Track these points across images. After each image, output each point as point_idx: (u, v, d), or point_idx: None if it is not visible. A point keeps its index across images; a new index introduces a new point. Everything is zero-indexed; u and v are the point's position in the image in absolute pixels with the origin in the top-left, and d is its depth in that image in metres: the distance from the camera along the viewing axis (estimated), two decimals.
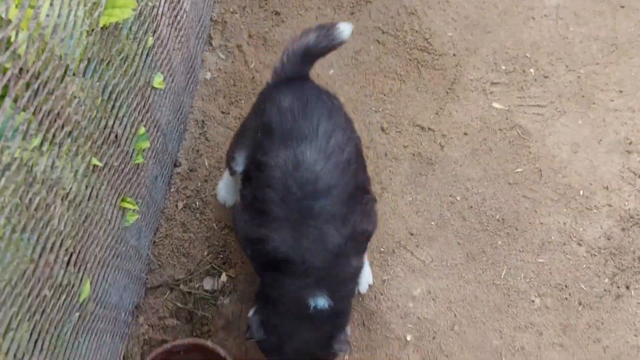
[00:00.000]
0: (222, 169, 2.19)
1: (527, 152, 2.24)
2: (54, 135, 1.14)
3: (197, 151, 2.21)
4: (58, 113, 1.14)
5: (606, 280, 2.07)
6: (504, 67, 2.35)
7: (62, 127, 1.17)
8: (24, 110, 1.00)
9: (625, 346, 1.99)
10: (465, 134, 2.26)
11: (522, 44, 2.38)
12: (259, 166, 1.55)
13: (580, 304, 2.04)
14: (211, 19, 2.36)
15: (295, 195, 1.48)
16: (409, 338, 1.99)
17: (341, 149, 1.52)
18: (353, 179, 1.57)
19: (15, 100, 0.97)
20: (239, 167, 1.73)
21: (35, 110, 1.04)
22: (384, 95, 2.31)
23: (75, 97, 1.19)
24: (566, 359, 1.97)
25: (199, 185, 2.16)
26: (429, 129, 2.26)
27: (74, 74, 1.16)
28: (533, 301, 2.05)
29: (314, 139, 1.48)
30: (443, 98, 2.31)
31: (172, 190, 2.14)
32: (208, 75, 2.31)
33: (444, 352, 1.97)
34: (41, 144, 1.10)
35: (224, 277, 2.05)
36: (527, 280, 2.07)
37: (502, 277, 2.07)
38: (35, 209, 1.13)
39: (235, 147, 1.79)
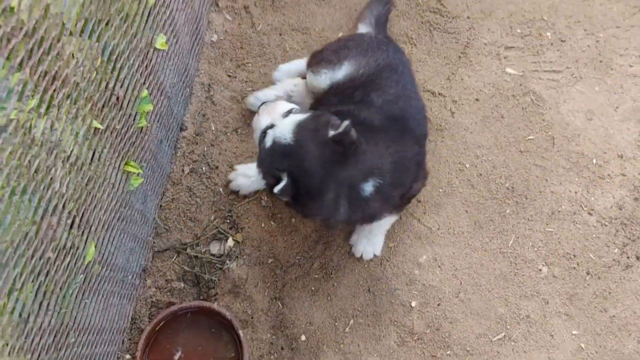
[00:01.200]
0: (230, 129, 2.17)
1: (540, 119, 2.18)
2: (52, 97, 1.12)
3: (204, 115, 2.19)
4: (55, 74, 1.12)
5: (616, 250, 2.04)
6: (519, 31, 2.27)
7: (61, 88, 1.15)
8: (18, 70, 0.98)
9: (633, 316, 1.97)
10: (477, 100, 2.20)
11: (539, 6, 2.29)
12: (379, 82, 1.89)
13: (588, 273, 2.02)
14: None
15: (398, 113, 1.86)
16: (413, 304, 1.99)
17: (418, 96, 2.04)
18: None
19: (8, 59, 0.95)
20: (338, 71, 1.92)
21: (30, 70, 1.02)
22: None
23: (73, 57, 1.16)
24: (571, 327, 1.97)
25: (205, 149, 2.14)
26: (440, 94, 2.21)
27: (70, 34, 1.13)
28: (540, 270, 2.03)
29: (412, 86, 1.97)
30: (455, 63, 2.25)
31: (178, 154, 2.13)
32: (214, 38, 2.27)
33: (448, 319, 1.98)
34: (39, 105, 1.08)
35: (230, 242, 2.05)
36: (535, 249, 2.04)
37: (509, 245, 2.05)
38: (35, 171, 1.13)
39: (343, 53, 1.94)
